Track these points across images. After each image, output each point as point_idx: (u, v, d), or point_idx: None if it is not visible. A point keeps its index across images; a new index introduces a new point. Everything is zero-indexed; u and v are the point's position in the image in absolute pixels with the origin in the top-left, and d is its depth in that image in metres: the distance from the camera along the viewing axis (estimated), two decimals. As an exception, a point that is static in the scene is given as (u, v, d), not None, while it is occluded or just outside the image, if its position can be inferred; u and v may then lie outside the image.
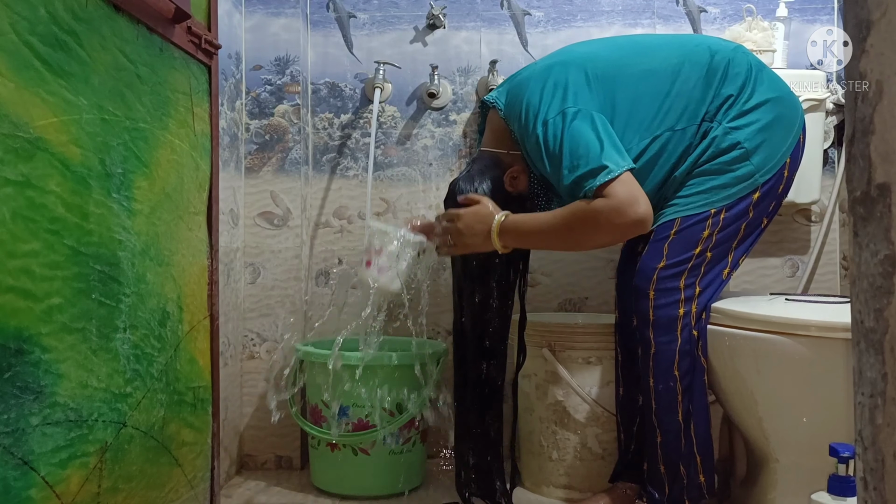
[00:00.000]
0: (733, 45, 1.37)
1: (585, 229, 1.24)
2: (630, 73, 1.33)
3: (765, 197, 1.31)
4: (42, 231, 0.74)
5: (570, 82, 1.31)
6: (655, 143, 1.31)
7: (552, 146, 1.27)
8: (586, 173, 1.22)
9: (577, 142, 1.25)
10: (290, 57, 1.81)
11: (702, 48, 1.34)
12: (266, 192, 1.80)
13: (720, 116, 1.30)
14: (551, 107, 1.29)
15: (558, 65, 1.35)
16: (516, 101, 1.36)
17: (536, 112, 1.30)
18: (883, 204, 0.46)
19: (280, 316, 1.79)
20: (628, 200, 1.20)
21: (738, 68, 1.32)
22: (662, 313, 1.28)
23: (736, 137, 1.29)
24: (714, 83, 1.31)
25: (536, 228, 1.28)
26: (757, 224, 1.33)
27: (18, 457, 0.71)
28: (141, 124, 0.95)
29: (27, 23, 0.73)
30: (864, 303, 0.48)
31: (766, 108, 1.31)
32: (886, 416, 0.46)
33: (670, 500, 1.31)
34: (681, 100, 1.31)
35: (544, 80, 1.33)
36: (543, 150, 1.29)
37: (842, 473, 1.00)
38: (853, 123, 0.50)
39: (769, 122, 1.30)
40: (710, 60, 1.32)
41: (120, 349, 0.89)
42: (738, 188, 1.29)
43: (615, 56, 1.36)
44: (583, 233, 1.25)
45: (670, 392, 1.28)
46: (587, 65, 1.33)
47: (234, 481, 1.70)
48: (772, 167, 1.31)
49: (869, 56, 0.48)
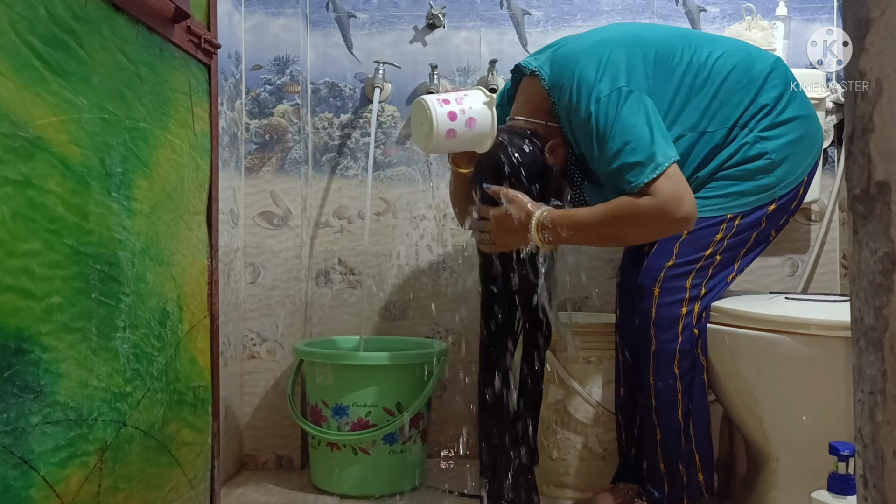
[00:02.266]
0: (774, 57, 1.38)
1: (629, 228, 1.21)
2: (682, 68, 1.30)
3: (779, 210, 1.33)
4: (42, 230, 0.74)
5: (625, 61, 1.26)
6: (683, 141, 1.30)
7: (602, 127, 1.22)
8: (634, 164, 1.18)
9: (628, 127, 1.20)
10: (290, 57, 1.81)
11: (747, 54, 1.35)
12: (266, 192, 1.80)
13: (753, 124, 1.31)
14: (605, 84, 1.23)
15: (613, 42, 1.29)
16: (565, 73, 1.28)
17: (590, 88, 1.24)
18: (882, 202, 0.46)
19: (280, 316, 1.79)
20: (675, 198, 1.17)
21: (776, 80, 1.33)
22: (665, 311, 1.28)
23: (764, 147, 1.30)
24: (752, 91, 1.32)
25: (578, 226, 1.23)
26: (766, 236, 1.35)
27: (18, 456, 0.71)
28: (141, 124, 0.95)
29: (27, 22, 0.73)
30: (864, 300, 0.48)
31: (797, 124, 1.33)
32: (886, 413, 0.46)
33: (670, 498, 1.31)
34: (723, 104, 1.31)
35: (598, 55, 1.26)
36: (594, 129, 1.23)
37: (842, 471, 1.00)
38: (853, 121, 0.50)
39: (797, 137, 1.33)
40: (751, 67, 1.33)
41: (120, 349, 0.89)
42: (757, 197, 1.31)
43: (668, 45, 1.31)
44: (626, 231, 1.23)
45: (670, 390, 1.29)
46: (643, 47, 1.29)
47: (235, 481, 1.70)
48: (791, 181, 1.34)
49: (868, 54, 0.48)
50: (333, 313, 1.90)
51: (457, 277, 1.88)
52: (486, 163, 1.31)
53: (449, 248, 1.89)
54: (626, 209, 1.19)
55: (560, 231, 1.23)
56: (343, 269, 1.90)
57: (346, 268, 1.90)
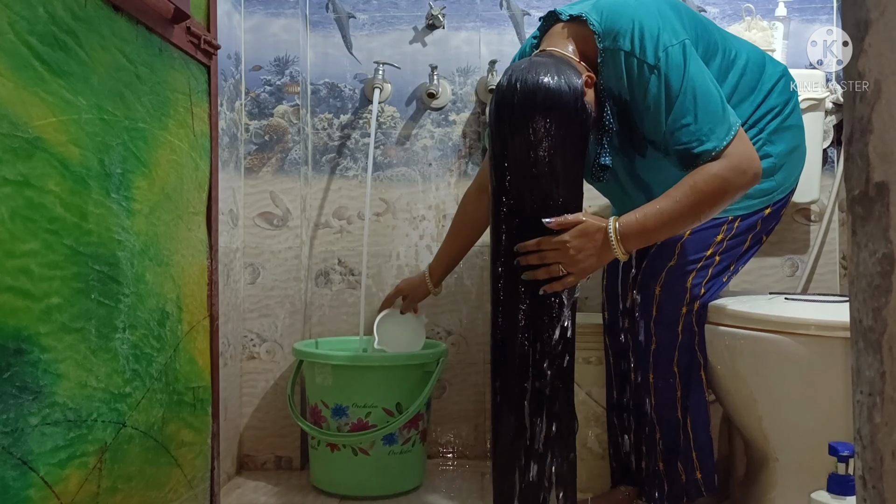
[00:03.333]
0: (783, 65, 1.39)
1: (715, 201, 1.12)
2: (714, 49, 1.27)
3: (773, 215, 1.36)
4: (41, 231, 0.74)
5: (678, 20, 1.19)
6: None
7: (675, 82, 1.13)
8: (710, 129, 1.11)
9: (698, 84, 1.13)
10: (290, 57, 1.81)
11: (761, 55, 1.36)
12: (265, 193, 1.80)
13: (762, 125, 1.32)
14: (668, 34, 1.15)
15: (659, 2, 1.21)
16: (621, 18, 1.17)
17: (655, 36, 1.14)
18: (881, 203, 0.46)
19: (280, 316, 1.79)
20: (748, 156, 1.12)
21: (785, 86, 1.35)
22: (666, 310, 1.29)
23: (770, 151, 1.31)
24: (764, 90, 1.32)
25: (661, 221, 1.12)
26: (758, 239, 1.37)
27: (17, 457, 0.71)
28: (140, 124, 0.95)
29: (26, 22, 0.73)
30: (863, 302, 0.48)
31: (798, 133, 1.37)
32: (885, 414, 0.46)
33: (669, 498, 1.31)
34: (741, 99, 1.31)
35: (653, 8, 1.18)
36: (663, 84, 1.13)
37: (841, 472, 1.00)
38: (852, 123, 0.50)
39: (795, 146, 1.36)
40: (764, 68, 1.34)
41: (119, 349, 0.89)
42: (758, 200, 1.32)
43: (702, 22, 1.28)
44: (712, 205, 1.13)
45: (670, 389, 1.29)
46: (686, 14, 1.23)
47: (234, 482, 1.70)
48: (786, 188, 1.36)
49: (867, 56, 0.48)
50: (333, 314, 1.90)
51: (457, 278, 1.88)
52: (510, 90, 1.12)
53: (448, 249, 1.89)
54: (713, 181, 1.11)
55: (642, 233, 1.13)
56: (343, 269, 1.90)
57: (345, 268, 1.90)
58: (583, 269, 1.14)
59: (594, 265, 1.15)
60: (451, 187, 1.89)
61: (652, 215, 1.13)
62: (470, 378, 1.88)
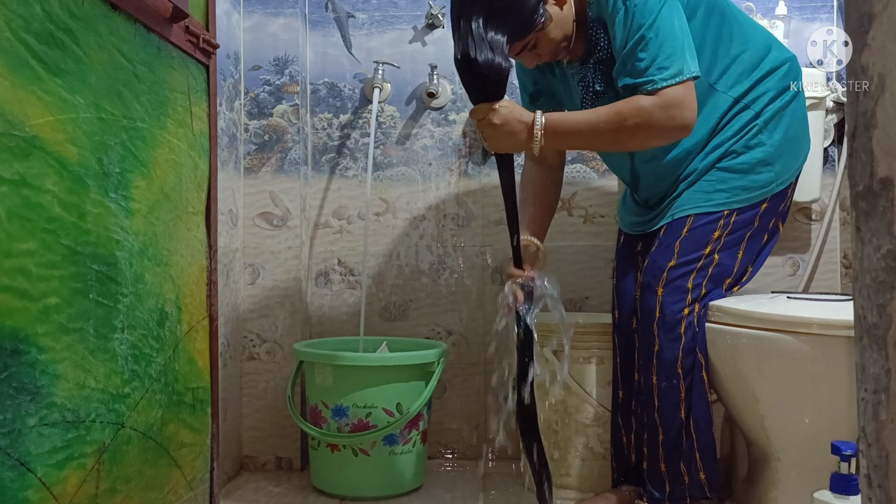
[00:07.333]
0: (791, 54, 1.39)
1: (634, 132, 1.20)
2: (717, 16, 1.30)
3: (771, 210, 1.34)
4: (38, 230, 0.74)
5: None
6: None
7: (640, 17, 1.18)
8: (660, 65, 1.17)
9: (664, 31, 1.18)
10: (289, 57, 1.81)
11: (769, 36, 1.37)
12: (265, 193, 1.79)
13: (757, 106, 1.32)
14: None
15: None
16: None
17: None
18: (886, 198, 0.46)
19: (280, 317, 1.78)
20: (683, 104, 1.17)
21: (788, 72, 1.35)
22: (669, 311, 1.28)
23: (764, 139, 1.32)
24: (764, 70, 1.33)
25: (580, 127, 1.23)
26: (759, 236, 1.35)
27: (15, 458, 0.70)
28: (139, 123, 0.94)
29: (23, 20, 0.72)
30: (867, 298, 0.48)
31: (797, 124, 1.36)
32: (890, 412, 0.46)
33: (671, 498, 1.31)
34: (739, 71, 1.31)
35: None
36: (630, 15, 1.19)
37: (844, 471, 0.99)
38: (855, 118, 0.50)
39: (794, 137, 1.36)
40: (770, 50, 1.34)
41: (118, 349, 0.88)
42: (756, 193, 1.32)
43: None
44: (631, 135, 1.21)
45: (674, 389, 1.28)
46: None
47: (234, 483, 1.69)
48: (786, 179, 1.36)
49: (871, 49, 0.47)
50: (333, 314, 1.89)
51: (457, 277, 1.88)
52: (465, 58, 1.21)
53: (449, 249, 1.88)
54: (638, 112, 1.18)
55: (561, 132, 1.23)
56: (343, 269, 1.90)
57: (345, 268, 1.90)
58: (497, 141, 1.25)
59: (510, 145, 1.25)
60: (451, 187, 1.89)
61: (575, 119, 1.25)
62: (470, 378, 1.87)
